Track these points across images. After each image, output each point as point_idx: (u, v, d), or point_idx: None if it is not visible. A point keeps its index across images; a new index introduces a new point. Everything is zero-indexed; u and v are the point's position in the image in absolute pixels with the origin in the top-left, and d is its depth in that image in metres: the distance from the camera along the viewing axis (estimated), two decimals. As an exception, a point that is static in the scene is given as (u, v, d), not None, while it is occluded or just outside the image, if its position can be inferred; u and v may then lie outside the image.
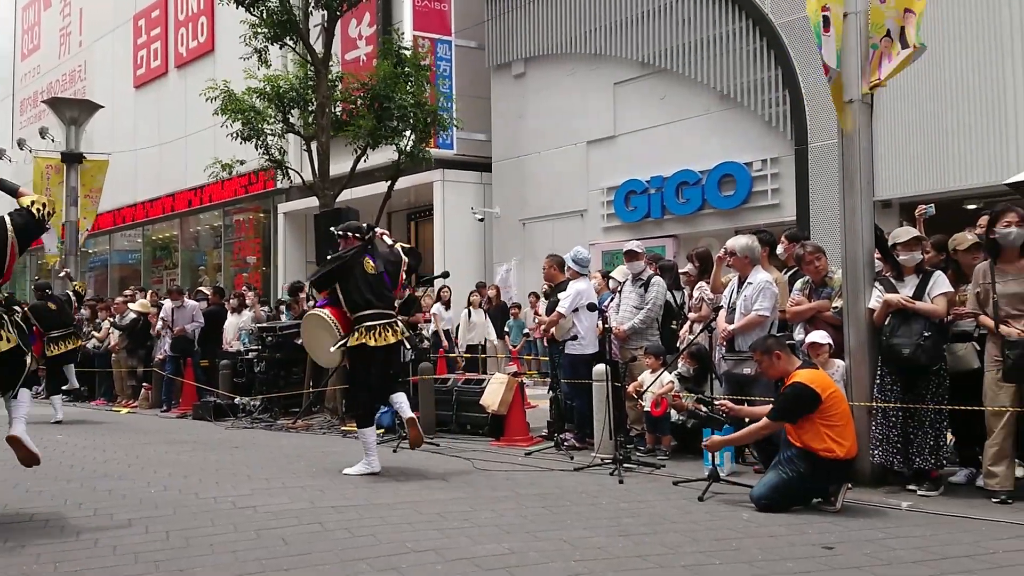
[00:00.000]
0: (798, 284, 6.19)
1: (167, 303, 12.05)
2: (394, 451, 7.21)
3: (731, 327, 6.11)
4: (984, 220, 5.39)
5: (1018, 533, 4.34)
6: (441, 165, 17.56)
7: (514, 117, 17.47)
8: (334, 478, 6.09)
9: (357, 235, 6.34)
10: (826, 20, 5.63)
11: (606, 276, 8.52)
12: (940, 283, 5.33)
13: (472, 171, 18.19)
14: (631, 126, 15.34)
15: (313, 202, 14.60)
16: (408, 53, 14.33)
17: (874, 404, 5.42)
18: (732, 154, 13.78)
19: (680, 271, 7.90)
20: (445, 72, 17.82)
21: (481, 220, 17.81)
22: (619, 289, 7.59)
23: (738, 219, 13.53)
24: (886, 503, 5.03)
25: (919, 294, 5.33)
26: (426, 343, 10.60)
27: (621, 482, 5.80)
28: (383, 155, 14.82)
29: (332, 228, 6.83)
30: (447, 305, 13.79)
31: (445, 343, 13.04)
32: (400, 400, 6.34)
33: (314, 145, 13.46)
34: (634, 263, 7.35)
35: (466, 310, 13.46)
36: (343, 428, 8.82)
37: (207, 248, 25.90)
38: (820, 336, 5.70)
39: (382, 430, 8.36)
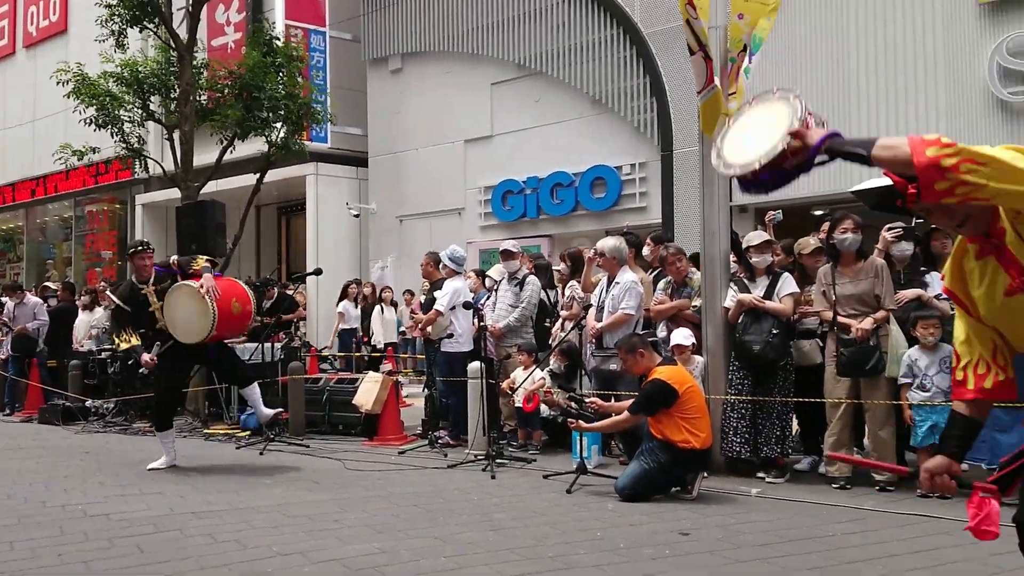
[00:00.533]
0: (661, 284, 6.49)
1: (7, 301, 11.18)
2: (260, 453, 7.02)
3: (600, 325, 6.33)
4: (825, 226, 5.85)
5: (854, 516, 4.73)
6: (314, 158, 17.14)
7: (391, 113, 17.28)
8: (196, 483, 5.86)
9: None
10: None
11: (482, 275, 8.62)
12: (787, 284, 5.74)
13: (347, 166, 17.85)
14: (508, 126, 15.52)
15: (175, 193, 13.89)
16: (279, 43, 13.89)
17: (727, 397, 5.76)
18: (603, 157, 14.20)
19: (553, 269, 8.11)
20: (319, 64, 17.40)
21: (356, 216, 17.52)
22: (495, 287, 7.71)
23: (609, 220, 13.96)
24: (737, 490, 5.36)
25: (769, 294, 5.72)
26: (296, 342, 10.36)
27: (493, 477, 5.89)
28: (252, 146, 14.31)
29: (135, 242, 6.95)
30: (355, 302, 13.54)
31: (307, 344, 12.75)
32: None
33: (176, 134, 12.82)
34: (510, 262, 7.48)
35: (378, 306, 13.24)
36: (206, 431, 8.48)
37: (56, 241, 24.12)
38: (683, 338, 5.98)
39: (247, 432, 8.12)
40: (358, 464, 6.49)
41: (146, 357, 6.32)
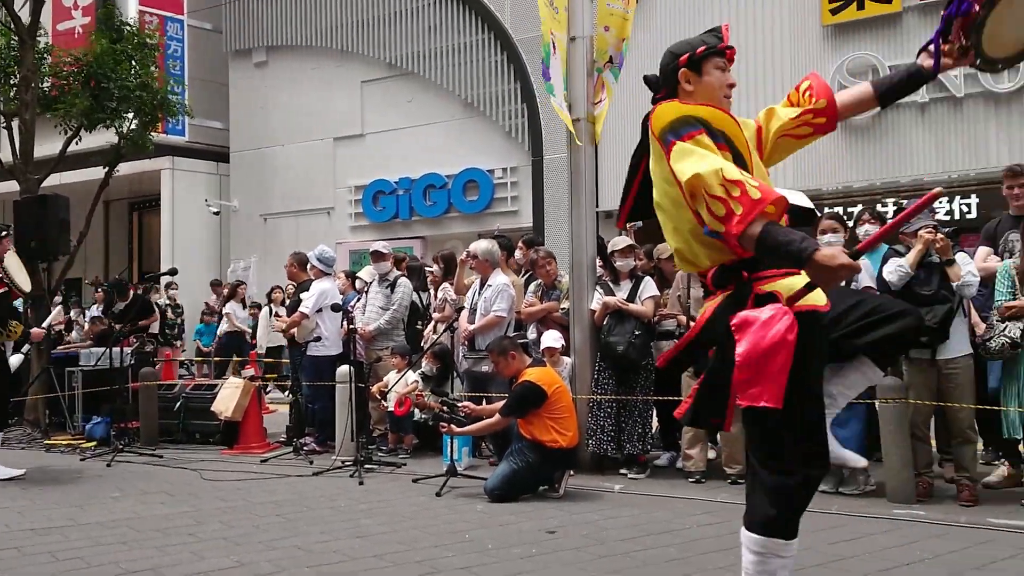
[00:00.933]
0: (532, 287, 6.59)
1: None
2: (108, 465, 6.58)
3: (472, 327, 6.35)
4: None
5: (708, 509, 4.97)
6: (171, 152, 16.25)
7: (255, 107, 16.65)
8: (35, 497, 5.42)
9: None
10: (555, 44, 6.06)
11: (351, 276, 8.44)
12: (648, 287, 5.97)
13: (207, 160, 17.03)
14: (379, 126, 15.32)
15: (13, 187, 12.78)
16: (131, 29, 13.07)
17: (593, 396, 5.93)
18: (476, 161, 14.28)
19: (426, 270, 8.06)
20: (176, 53, 16.52)
21: (217, 213, 16.75)
22: (365, 289, 7.58)
23: (481, 223, 14.04)
24: (602, 487, 5.52)
25: (632, 297, 5.92)
26: (149, 347, 9.79)
27: (361, 483, 5.78)
28: (102, 138, 13.38)
29: None
30: (243, 303, 12.88)
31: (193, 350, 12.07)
32: None
33: (15, 123, 11.81)
34: (381, 263, 7.37)
35: (267, 308, 12.62)
36: (47, 442, 7.86)
37: None
38: (554, 340, 6.09)
39: (93, 442, 7.62)
40: (216, 474, 6.20)
41: (37, 331, 6.12)
